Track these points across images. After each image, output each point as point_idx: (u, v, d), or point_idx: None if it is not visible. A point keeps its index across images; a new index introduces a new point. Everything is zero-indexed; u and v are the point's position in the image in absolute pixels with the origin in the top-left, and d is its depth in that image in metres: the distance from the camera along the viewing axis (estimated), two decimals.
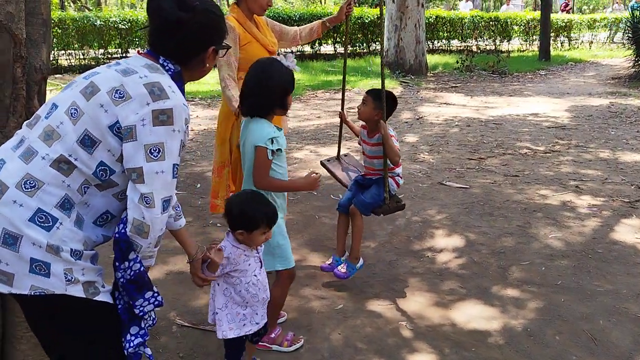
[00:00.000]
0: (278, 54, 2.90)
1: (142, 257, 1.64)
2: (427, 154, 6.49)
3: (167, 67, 1.71)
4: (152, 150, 1.56)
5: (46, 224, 1.52)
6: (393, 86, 11.73)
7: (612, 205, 4.71)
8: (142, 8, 17.87)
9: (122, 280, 1.63)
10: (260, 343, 2.55)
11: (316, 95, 10.77)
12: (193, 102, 9.96)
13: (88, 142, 1.56)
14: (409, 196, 4.95)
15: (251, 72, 2.51)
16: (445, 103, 10.25)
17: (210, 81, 12.26)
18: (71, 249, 1.56)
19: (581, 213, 4.54)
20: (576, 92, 11.68)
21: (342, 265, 3.21)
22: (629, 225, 4.26)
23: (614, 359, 2.64)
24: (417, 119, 8.59)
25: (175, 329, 2.86)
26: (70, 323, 1.62)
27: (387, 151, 3.08)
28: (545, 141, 7.13)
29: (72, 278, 1.55)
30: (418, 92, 11.66)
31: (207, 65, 1.80)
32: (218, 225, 4.27)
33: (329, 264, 3.33)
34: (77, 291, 1.56)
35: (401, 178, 3.31)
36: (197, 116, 8.75)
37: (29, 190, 1.52)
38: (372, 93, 3.20)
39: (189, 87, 12.10)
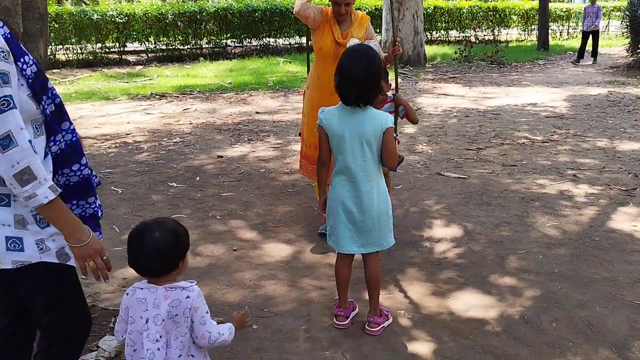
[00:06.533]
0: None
1: (23, 198, 1.59)
2: (425, 144, 6.51)
3: None
4: None
5: (4, 202, 1.64)
6: (391, 77, 11.72)
7: (609, 194, 4.73)
8: (139, 1, 17.83)
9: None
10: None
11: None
12: (192, 96, 9.96)
13: None
14: (407, 187, 4.97)
15: (355, 61, 2.51)
16: (443, 94, 10.25)
17: (207, 74, 12.25)
18: (35, 217, 1.66)
19: (578, 202, 4.56)
20: (574, 82, 11.68)
21: None
22: (626, 214, 4.29)
23: (609, 344, 2.67)
24: (416, 109, 8.59)
25: None
26: (51, 285, 1.76)
27: (410, 114, 3.69)
28: (543, 131, 7.15)
29: (44, 247, 1.68)
30: (416, 83, 11.65)
31: None
32: (218, 217, 4.30)
33: None
34: (51, 258, 1.70)
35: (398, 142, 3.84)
36: (195, 109, 8.75)
37: None
38: None
39: (187, 81, 12.14)
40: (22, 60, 1.63)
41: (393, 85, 3.76)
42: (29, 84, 1.65)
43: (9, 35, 1.63)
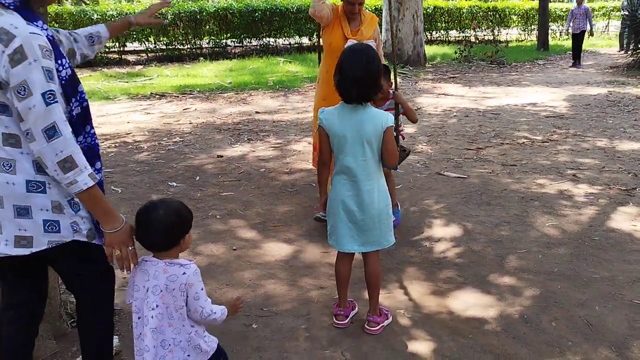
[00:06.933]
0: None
1: (64, 185, 1.78)
2: (425, 144, 6.51)
3: (6, 3, 1.74)
4: (19, 91, 1.68)
5: (40, 189, 1.80)
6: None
7: (609, 194, 4.73)
8: (139, 1, 17.83)
9: None
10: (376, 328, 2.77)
11: (314, 87, 10.76)
12: (191, 96, 9.96)
13: (2, 109, 1.75)
14: (407, 187, 4.98)
15: (354, 61, 2.50)
16: (443, 94, 10.26)
17: (207, 74, 12.26)
18: (69, 202, 1.85)
19: (578, 201, 4.57)
20: (574, 82, 11.68)
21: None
22: (626, 213, 4.29)
23: (609, 344, 2.67)
24: (416, 109, 8.60)
25: None
26: (83, 258, 1.96)
27: (408, 112, 3.76)
28: (543, 130, 7.15)
29: (77, 228, 1.88)
30: (416, 83, 11.66)
31: None
32: (218, 217, 4.30)
33: None
34: (82, 237, 1.89)
35: (403, 137, 4.03)
36: (195, 109, 8.76)
37: (10, 170, 1.77)
38: None
39: (186, 80, 12.13)
40: (59, 62, 1.79)
41: (392, 82, 3.81)
42: (62, 85, 1.80)
43: (51, 37, 1.79)
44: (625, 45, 17.12)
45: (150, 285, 1.90)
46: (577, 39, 14.30)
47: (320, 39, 4.17)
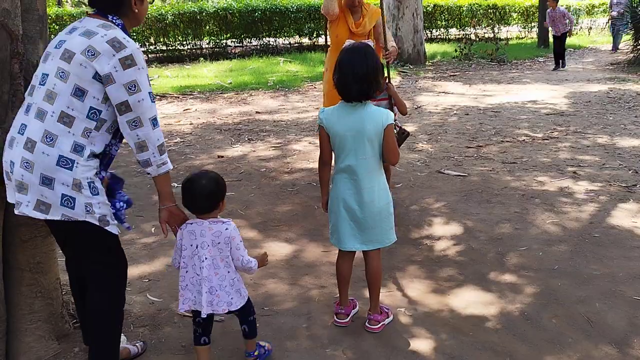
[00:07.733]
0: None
1: (157, 165, 2.18)
2: (425, 142, 6.52)
3: (116, 23, 2.18)
4: (130, 87, 2.07)
5: (68, 166, 2.04)
6: (391, 76, 11.72)
7: (609, 190, 4.74)
8: None
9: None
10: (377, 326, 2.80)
11: (314, 87, 10.78)
12: (192, 96, 9.97)
13: (79, 93, 2.05)
14: (407, 185, 4.98)
15: (353, 59, 2.54)
16: (443, 92, 10.25)
17: (208, 74, 12.28)
18: (89, 185, 2.08)
19: (578, 198, 4.57)
20: (575, 79, 11.66)
21: None
22: (626, 210, 4.29)
23: (609, 340, 2.68)
24: (416, 108, 8.61)
25: (177, 319, 2.91)
26: (90, 240, 2.19)
27: (399, 105, 4.00)
28: (543, 128, 7.15)
29: (90, 210, 2.09)
30: (416, 81, 11.65)
31: (137, 11, 2.25)
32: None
33: None
34: (94, 220, 2.11)
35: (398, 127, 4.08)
36: (195, 109, 8.77)
37: (50, 142, 2.03)
38: None
39: (187, 81, 12.16)
40: None
41: (386, 74, 3.90)
42: None
43: None
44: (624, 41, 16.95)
45: (199, 242, 2.28)
46: (560, 40, 13.56)
47: (327, 32, 4.55)
